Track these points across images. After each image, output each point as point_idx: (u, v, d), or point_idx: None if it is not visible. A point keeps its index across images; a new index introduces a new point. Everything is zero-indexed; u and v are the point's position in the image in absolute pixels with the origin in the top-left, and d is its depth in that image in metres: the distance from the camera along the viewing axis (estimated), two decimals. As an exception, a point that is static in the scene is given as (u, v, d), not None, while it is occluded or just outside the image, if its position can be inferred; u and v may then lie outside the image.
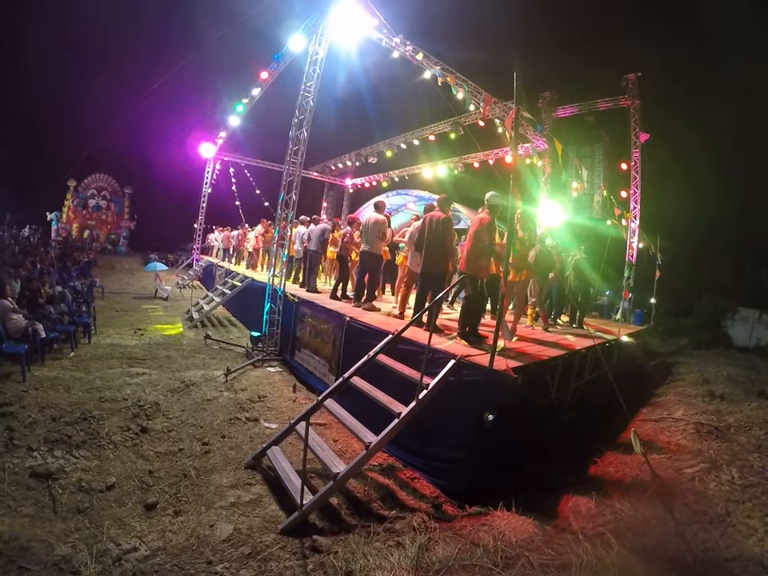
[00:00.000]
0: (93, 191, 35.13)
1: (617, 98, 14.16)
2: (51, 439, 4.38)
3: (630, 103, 13.83)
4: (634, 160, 13.90)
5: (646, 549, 3.43)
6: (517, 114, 4.24)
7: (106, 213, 35.54)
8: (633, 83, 13.82)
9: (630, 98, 13.82)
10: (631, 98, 13.80)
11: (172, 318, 12.06)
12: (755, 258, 20.32)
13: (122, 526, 3.29)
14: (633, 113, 13.80)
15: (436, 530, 3.55)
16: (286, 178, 8.44)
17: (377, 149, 19.15)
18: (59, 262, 17.35)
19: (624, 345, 8.54)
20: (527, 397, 4.75)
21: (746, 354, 14.35)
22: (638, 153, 13.77)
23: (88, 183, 34.92)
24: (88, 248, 28.76)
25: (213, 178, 21.31)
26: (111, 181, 35.85)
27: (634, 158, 13.87)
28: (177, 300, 15.43)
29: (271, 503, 3.80)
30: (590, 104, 14.88)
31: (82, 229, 34.18)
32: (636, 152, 13.81)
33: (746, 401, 7.63)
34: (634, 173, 13.86)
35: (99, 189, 35.39)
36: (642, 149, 13.66)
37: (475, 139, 13.83)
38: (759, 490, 4.34)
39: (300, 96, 8.29)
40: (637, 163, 13.84)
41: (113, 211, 35.78)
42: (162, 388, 6.20)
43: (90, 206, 34.87)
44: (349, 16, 8.27)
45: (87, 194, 34.88)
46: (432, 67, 9.88)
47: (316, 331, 7.36)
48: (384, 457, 4.93)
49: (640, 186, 13.79)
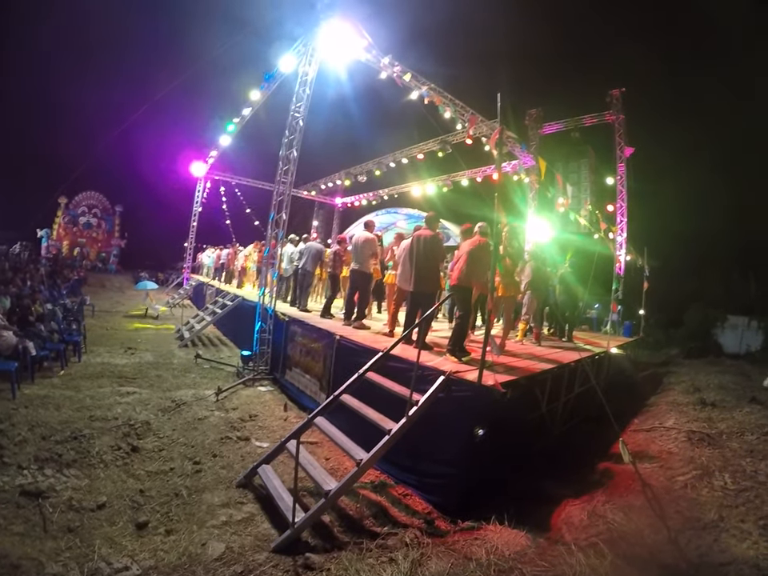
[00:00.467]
0: (84, 208, 35.00)
1: (602, 114, 14.44)
2: (41, 458, 4.34)
3: (614, 118, 14.10)
4: (619, 174, 14.13)
5: (640, 557, 3.46)
6: (501, 133, 4.34)
7: (97, 230, 35.39)
8: (617, 99, 14.10)
9: (615, 113, 14.09)
10: (616, 113, 14.07)
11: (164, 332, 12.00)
12: (742, 265, 20.58)
13: (113, 545, 3.27)
14: (618, 128, 14.06)
15: (429, 545, 3.55)
16: (276, 198, 8.51)
17: (366, 167, 19.30)
18: (49, 279, 17.27)
19: (614, 357, 8.62)
20: (517, 411, 4.80)
21: (736, 361, 14.47)
22: (623, 167, 14.01)
23: (79, 200, 34.80)
24: (78, 266, 28.64)
25: (203, 197, 21.36)
26: (102, 198, 35.77)
27: (620, 172, 14.11)
28: (167, 319, 15.38)
29: (263, 521, 3.78)
30: (575, 120, 15.18)
31: (73, 246, 33.98)
32: (621, 166, 14.05)
33: (738, 407, 7.70)
34: (620, 186, 14.09)
35: (90, 206, 35.27)
36: (628, 163, 13.91)
37: (465, 157, 14.07)
38: (752, 494, 4.39)
39: (290, 116, 8.40)
40: (622, 177, 14.07)
41: (103, 229, 35.65)
42: (153, 407, 6.17)
43: (81, 224, 34.71)
44: (338, 37, 8.42)
45: (78, 212, 34.74)
46: (420, 87, 10.04)
47: (306, 350, 7.37)
48: (376, 474, 4.93)
49: (626, 200, 14.00)
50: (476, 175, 16.57)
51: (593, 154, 16.10)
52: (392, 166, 17.59)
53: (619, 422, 6.81)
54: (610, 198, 14.24)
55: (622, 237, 13.90)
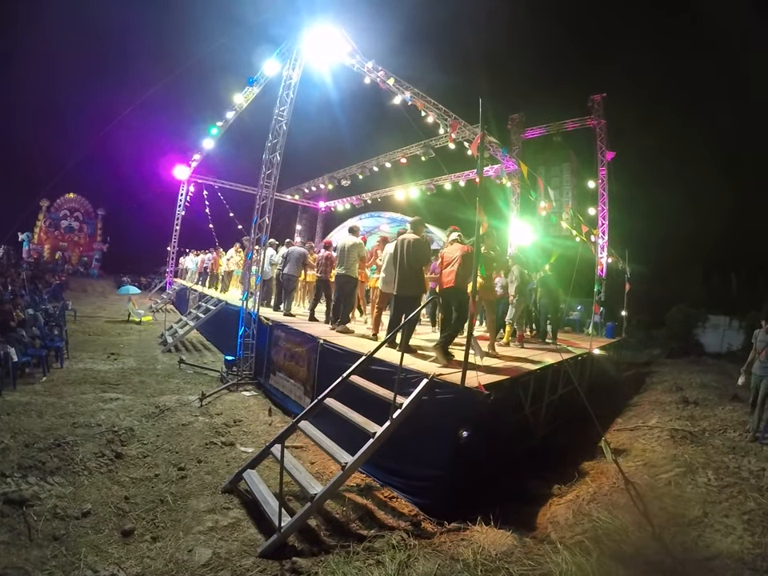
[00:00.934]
0: (65, 212, 34.56)
1: (583, 119, 14.65)
2: (25, 465, 4.28)
3: (595, 123, 14.31)
4: (601, 178, 14.34)
5: (625, 554, 3.51)
6: (482, 138, 4.39)
7: (79, 234, 34.95)
8: (598, 104, 14.32)
9: (596, 117, 14.30)
10: (597, 118, 14.28)
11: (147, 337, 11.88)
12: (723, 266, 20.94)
13: (99, 553, 3.23)
14: (599, 132, 14.27)
15: (415, 547, 3.56)
16: (260, 201, 8.48)
17: (350, 171, 19.31)
18: (30, 283, 16.97)
19: (597, 358, 8.73)
20: (501, 412, 4.84)
21: (718, 360, 14.73)
22: (604, 171, 14.21)
23: (60, 204, 34.35)
24: (60, 270, 28.18)
25: (186, 201, 21.17)
26: (84, 202, 35.32)
27: (601, 175, 14.32)
28: (150, 323, 15.22)
29: (249, 527, 3.77)
30: (557, 125, 15.36)
31: (54, 250, 33.52)
32: (602, 170, 14.26)
33: (720, 404, 7.88)
34: (602, 190, 14.29)
35: (72, 210, 34.84)
36: (609, 166, 14.12)
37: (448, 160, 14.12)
38: (736, 489, 4.49)
39: (273, 120, 8.38)
40: (604, 181, 14.28)
41: (85, 233, 35.21)
42: (137, 413, 6.11)
43: (63, 227, 34.25)
44: (323, 42, 8.44)
45: (60, 215, 34.30)
46: (402, 92, 10.09)
47: (290, 354, 7.35)
48: (361, 477, 4.94)
49: (607, 203, 14.20)
50: (459, 179, 16.68)
51: (575, 158, 16.30)
52: (375, 170, 17.62)
53: (603, 421, 6.92)
54: (591, 202, 14.43)
55: (603, 239, 14.08)
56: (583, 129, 14.77)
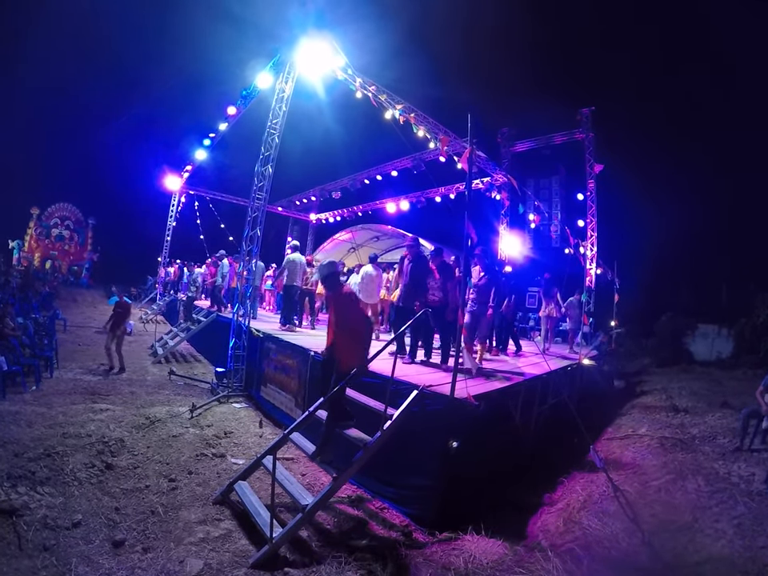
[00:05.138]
0: (56, 220, 34.10)
1: (572, 132, 14.83)
2: (14, 475, 4.26)
3: (584, 136, 14.50)
4: (589, 190, 14.50)
5: (616, 561, 3.55)
6: (471, 152, 4.48)
7: (69, 243, 34.53)
8: (587, 117, 14.51)
9: (585, 131, 14.49)
10: (585, 131, 14.48)
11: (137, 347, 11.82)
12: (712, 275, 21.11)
13: (89, 564, 3.22)
14: (587, 145, 14.46)
15: (407, 557, 3.59)
16: (251, 213, 8.49)
17: (341, 184, 19.29)
18: (20, 292, 16.81)
19: (586, 368, 8.81)
20: (491, 422, 4.88)
21: (707, 368, 14.86)
22: (593, 183, 14.39)
23: (51, 212, 33.91)
24: (50, 279, 27.90)
25: (177, 212, 21.07)
26: (75, 210, 34.93)
27: (590, 187, 14.49)
28: (140, 335, 15.10)
29: (241, 538, 3.77)
30: (546, 138, 15.54)
31: (44, 259, 33.09)
32: (591, 182, 14.43)
33: (710, 412, 7.95)
34: (590, 202, 14.46)
35: (63, 218, 34.40)
36: (597, 179, 14.29)
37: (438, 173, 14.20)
38: (726, 495, 4.54)
39: (266, 132, 8.42)
40: (592, 193, 14.45)
41: (76, 242, 34.82)
42: (127, 424, 6.08)
43: (53, 236, 33.87)
44: (315, 55, 8.50)
45: (51, 223, 33.87)
46: (394, 107, 10.18)
47: (281, 366, 7.36)
48: (353, 488, 4.94)
49: (596, 215, 14.37)
50: (449, 192, 16.81)
51: (563, 171, 16.48)
52: (366, 182, 17.69)
53: (593, 431, 6.97)
54: (580, 214, 14.59)
55: (592, 251, 14.22)
56: (572, 142, 14.96)
